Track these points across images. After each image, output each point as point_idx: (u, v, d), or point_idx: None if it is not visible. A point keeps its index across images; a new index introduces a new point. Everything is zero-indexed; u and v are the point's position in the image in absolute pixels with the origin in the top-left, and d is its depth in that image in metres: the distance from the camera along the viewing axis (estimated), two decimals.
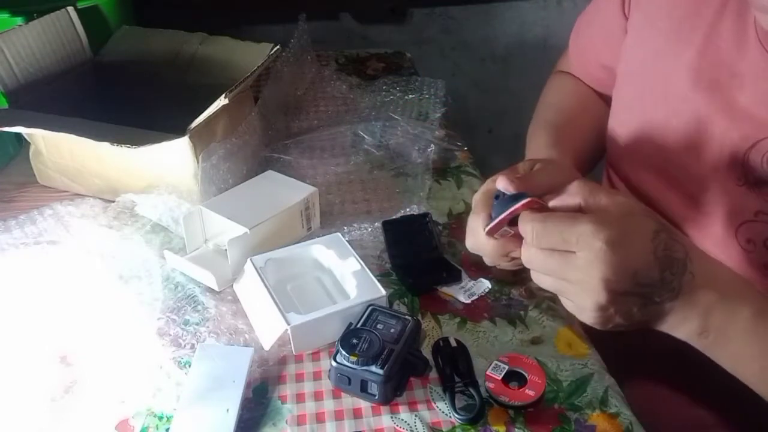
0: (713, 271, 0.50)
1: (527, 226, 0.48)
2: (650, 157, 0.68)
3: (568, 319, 0.64)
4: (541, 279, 0.50)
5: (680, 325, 0.49)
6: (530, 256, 0.49)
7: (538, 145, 0.76)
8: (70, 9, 0.85)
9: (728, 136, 0.60)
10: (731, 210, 0.61)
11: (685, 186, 0.65)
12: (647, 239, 0.47)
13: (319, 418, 0.54)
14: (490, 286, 0.67)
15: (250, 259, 0.65)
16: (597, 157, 0.80)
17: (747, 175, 0.59)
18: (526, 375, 0.55)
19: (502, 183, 0.53)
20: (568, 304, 0.50)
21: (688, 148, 0.63)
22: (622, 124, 0.71)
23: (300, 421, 0.54)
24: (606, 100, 0.79)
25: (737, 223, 0.60)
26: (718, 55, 0.61)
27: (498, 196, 0.52)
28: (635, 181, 0.71)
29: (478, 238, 0.55)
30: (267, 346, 0.58)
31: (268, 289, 0.61)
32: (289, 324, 0.57)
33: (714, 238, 0.63)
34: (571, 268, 0.47)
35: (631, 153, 0.71)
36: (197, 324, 0.63)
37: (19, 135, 0.88)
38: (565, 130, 0.78)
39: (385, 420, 0.54)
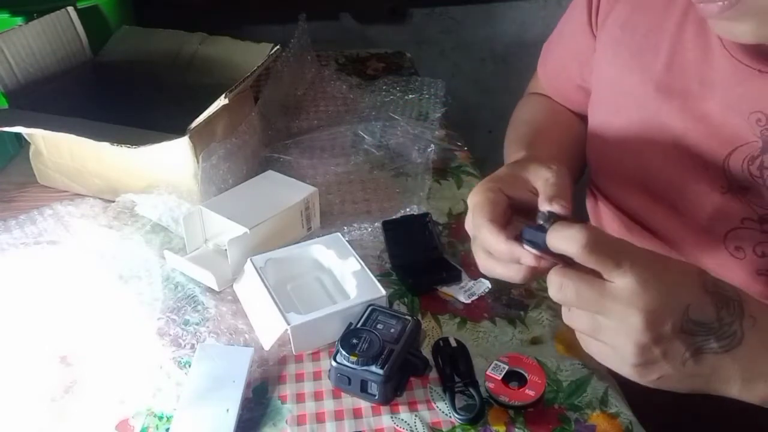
0: None
1: (576, 235, 0.41)
2: (631, 171, 0.68)
3: None
4: (572, 314, 0.43)
5: (751, 383, 0.41)
6: (561, 272, 0.43)
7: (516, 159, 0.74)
8: (70, 9, 0.85)
9: (706, 144, 0.59)
10: (717, 218, 0.60)
11: (669, 198, 0.64)
12: (693, 274, 0.41)
13: (319, 418, 0.54)
14: (490, 286, 0.67)
15: (250, 259, 0.65)
16: (572, 170, 0.76)
17: (730, 182, 0.59)
18: (526, 375, 0.55)
19: (558, 207, 0.47)
20: (605, 351, 0.42)
21: (667, 160, 0.63)
22: (600, 142, 0.70)
23: (300, 421, 0.54)
24: (582, 118, 0.78)
25: (724, 231, 0.60)
26: (684, 66, 0.61)
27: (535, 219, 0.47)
28: (619, 197, 0.71)
29: (503, 261, 0.49)
30: (267, 346, 0.58)
31: (268, 289, 0.61)
32: (289, 324, 0.57)
33: (702, 248, 0.62)
34: (607, 294, 0.40)
35: (612, 170, 0.71)
36: (197, 324, 0.63)
37: (19, 135, 0.88)
38: (538, 142, 0.74)
39: (385, 420, 0.54)
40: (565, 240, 0.41)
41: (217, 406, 0.53)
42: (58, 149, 0.78)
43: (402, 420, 0.54)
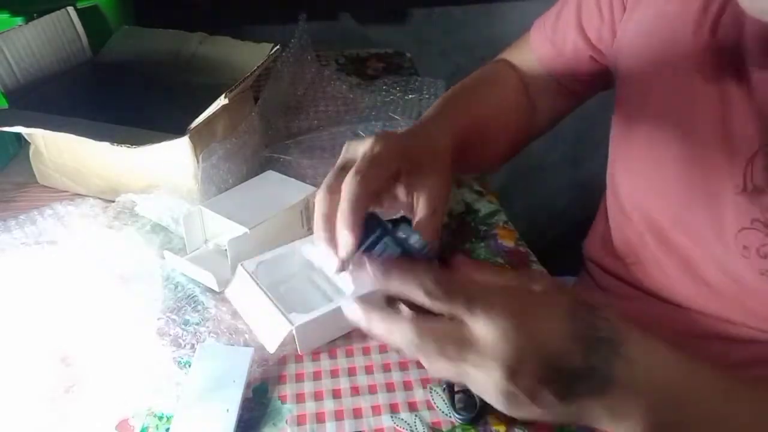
0: (655, 354, 0.41)
1: (424, 278, 0.39)
2: (645, 162, 0.68)
3: None
4: (437, 366, 0.40)
5: (620, 422, 0.40)
6: (417, 333, 0.39)
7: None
8: (70, 9, 0.85)
9: (728, 145, 0.60)
10: (730, 218, 0.61)
11: (680, 195, 0.64)
12: (563, 316, 0.39)
13: (319, 418, 0.54)
14: None
15: (241, 265, 0.64)
16: (499, 140, 0.74)
17: (746, 183, 0.59)
18: None
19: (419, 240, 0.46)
20: (472, 386, 0.41)
21: (685, 159, 0.63)
22: (627, 128, 0.70)
23: (300, 421, 0.54)
24: (536, 104, 0.78)
25: (735, 230, 0.60)
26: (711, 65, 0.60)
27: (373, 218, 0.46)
28: (628, 189, 0.72)
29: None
30: (272, 349, 0.58)
31: (265, 293, 0.61)
32: (293, 324, 0.57)
33: (713, 246, 0.62)
34: (467, 347, 0.38)
35: (626, 160, 0.71)
36: (197, 324, 0.63)
37: (19, 135, 0.88)
38: (453, 102, 0.70)
39: (385, 420, 0.54)
40: (407, 282, 0.39)
41: (217, 406, 0.53)
42: (58, 149, 0.78)
43: (402, 420, 0.54)
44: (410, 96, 1.01)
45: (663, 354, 0.41)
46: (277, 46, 0.82)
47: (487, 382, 0.38)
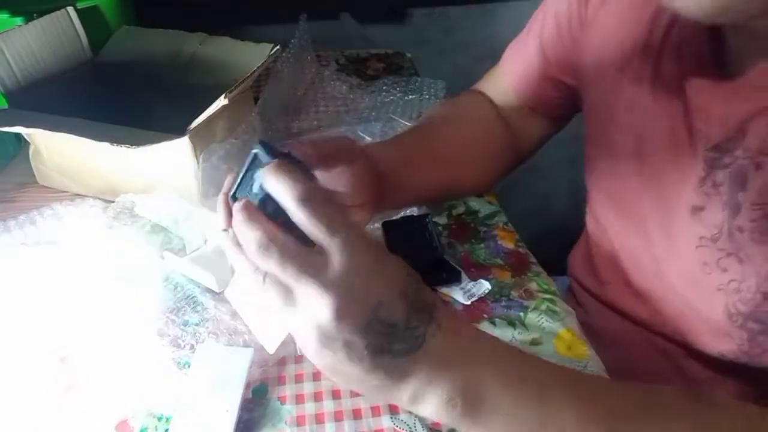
0: (461, 328, 0.42)
1: (298, 185, 0.39)
2: (610, 179, 0.70)
3: (569, 321, 0.64)
4: (266, 285, 0.40)
5: (424, 392, 0.40)
6: (271, 234, 0.39)
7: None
8: (70, 9, 0.85)
9: (678, 162, 0.61)
10: (683, 235, 0.62)
11: (641, 213, 0.66)
12: (401, 274, 0.41)
13: (319, 419, 0.54)
14: (489, 288, 0.67)
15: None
16: (477, 165, 0.77)
17: (692, 201, 0.60)
18: None
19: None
20: (291, 326, 0.41)
21: (643, 174, 0.64)
22: (597, 145, 0.72)
23: (299, 422, 0.54)
24: (519, 133, 0.80)
25: (693, 247, 0.61)
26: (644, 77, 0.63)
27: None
28: (594, 199, 0.74)
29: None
30: (272, 350, 0.58)
31: None
32: None
33: (675, 261, 0.64)
34: (312, 266, 0.38)
35: (596, 177, 0.73)
36: (197, 324, 0.63)
37: (18, 135, 0.88)
38: (414, 131, 0.74)
39: (385, 421, 0.54)
40: (283, 183, 0.39)
41: (216, 406, 0.53)
42: (57, 149, 0.78)
43: (401, 421, 0.54)
44: (410, 96, 1.02)
45: (475, 333, 0.43)
46: (277, 47, 0.82)
47: (311, 319, 0.38)
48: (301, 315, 0.39)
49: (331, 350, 0.39)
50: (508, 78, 0.80)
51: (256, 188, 0.41)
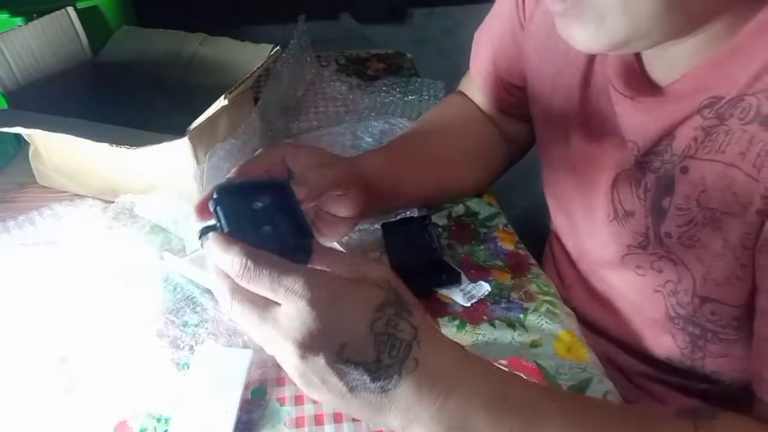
0: (445, 360, 0.41)
1: (237, 258, 0.41)
2: (555, 186, 0.72)
3: (568, 323, 0.64)
4: (242, 324, 0.43)
5: (410, 424, 0.40)
6: (225, 293, 0.42)
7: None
8: (70, 9, 0.85)
9: (595, 172, 0.64)
10: (610, 245, 0.63)
11: (580, 220, 0.69)
12: (365, 310, 0.40)
13: (318, 420, 0.54)
14: (489, 289, 0.66)
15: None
16: (474, 166, 0.78)
17: (616, 209, 0.62)
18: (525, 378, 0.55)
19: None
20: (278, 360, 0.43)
21: (576, 183, 0.66)
22: (540, 151, 0.75)
23: (298, 423, 0.54)
24: (504, 131, 0.82)
25: (620, 256, 0.63)
26: (569, 93, 0.65)
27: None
28: (549, 203, 0.77)
29: None
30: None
31: None
32: None
33: (609, 267, 0.66)
34: (268, 321, 0.40)
35: (546, 185, 0.76)
36: (196, 325, 0.63)
37: (18, 135, 0.88)
38: (403, 139, 0.76)
39: None
40: (222, 263, 0.41)
41: (215, 407, 0.53)
42: (57, 150, 0.78)
43: None
44: (410, 97, 1.02)
45: (459, 361, 0.42)
46: (277, 47, 0.82)
47: (284, 360, 0.41)
48: (278, 358, 0.42)
49: (313, 386, 0.41)
50: (477, 83, 0.82)
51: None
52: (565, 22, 0.49)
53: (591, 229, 0.66)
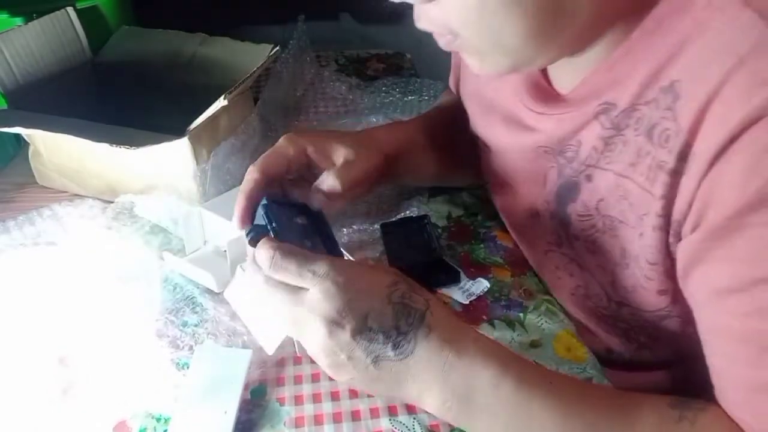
0: (454, 329, 0.46)
1: (266, 252, 0.46)
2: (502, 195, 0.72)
3: (567, 322, 0.64)
4: (274, 311, 0.48)
5: (424, 394, 0.45)
6: (261, 284, 0.47)
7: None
8: (70, 9, 0.85)
9: (526, 187, 0.65)
10: (537, 236, 0.65)
11: (519, 226, 0.70)
12: (382, 285, 0.45)
13: (317, 421, 0.54)
14: (488, 286, 0.66)
15: (240, 266, 0.64)
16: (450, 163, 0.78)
17: (547, 207, 0.63)
18: None
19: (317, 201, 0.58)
20: (305, 345, 0.47)
21: (524, 212, 0.67)
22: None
23: (298, 423, 0.54)
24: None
25: (544, 250, 0.65)
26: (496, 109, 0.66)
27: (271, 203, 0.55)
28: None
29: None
30: (271, 351, 0.58)
31: None
32: None
33: (543, 266, 0.68)
34: (298, 304, 0.45)
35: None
36: (196, 325, 0.63)
37: (18, 135, 0.88)
38: (421, 120, 0.78)
39: (384, 422, 0.54)
40: (257, 263, 0.47)
41: (215, 407, 0.53)
42: (57, 150, 0.78)
43: (400, 422, 0.54)
44: (410, 97, 1.02)
45: (468, 334, 0.46)
46: (277, 47, 0.82)
47: (313, 340, 0.45)
48: (306, 342, 0.46)
49: (339, 365, 0.45)
50: (453, 90, 0.84)
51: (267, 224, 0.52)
52: (463, 54, 0.54)
53: (521, 230, 0.69)
